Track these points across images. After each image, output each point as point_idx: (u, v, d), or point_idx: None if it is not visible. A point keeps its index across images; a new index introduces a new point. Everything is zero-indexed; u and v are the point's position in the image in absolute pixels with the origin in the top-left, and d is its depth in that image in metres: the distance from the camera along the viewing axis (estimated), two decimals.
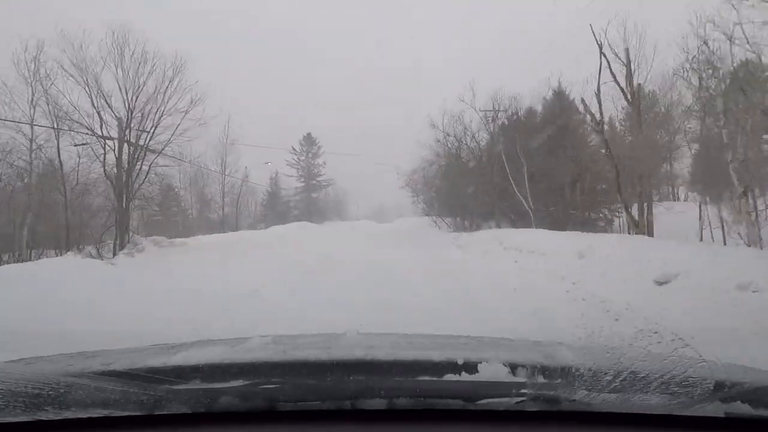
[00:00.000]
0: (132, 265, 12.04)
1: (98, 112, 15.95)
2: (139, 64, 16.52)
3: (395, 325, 1.90)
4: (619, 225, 19.53)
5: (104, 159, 15.97)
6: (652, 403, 1.10)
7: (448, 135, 29.29)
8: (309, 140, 62.55)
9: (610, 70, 14.40)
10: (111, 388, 1.11)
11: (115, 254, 14.09)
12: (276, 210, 63.11)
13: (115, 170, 15.46)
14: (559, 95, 20.33)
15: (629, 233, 15.34)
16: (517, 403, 1.10)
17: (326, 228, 38.16)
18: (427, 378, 1.17)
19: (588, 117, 15.80)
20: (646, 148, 13.48)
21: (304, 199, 61.13)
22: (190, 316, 5.62)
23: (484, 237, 16.95)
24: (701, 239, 13.48)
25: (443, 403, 1.12)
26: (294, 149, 61.83)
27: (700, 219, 13.72)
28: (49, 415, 1.07)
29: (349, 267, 11.13)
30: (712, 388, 1.13)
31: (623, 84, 14.53)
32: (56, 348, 1.65)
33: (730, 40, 9.74)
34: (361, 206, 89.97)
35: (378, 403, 1.11)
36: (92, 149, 16.57)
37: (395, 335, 1.74)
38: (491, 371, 1.18)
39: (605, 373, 1.16)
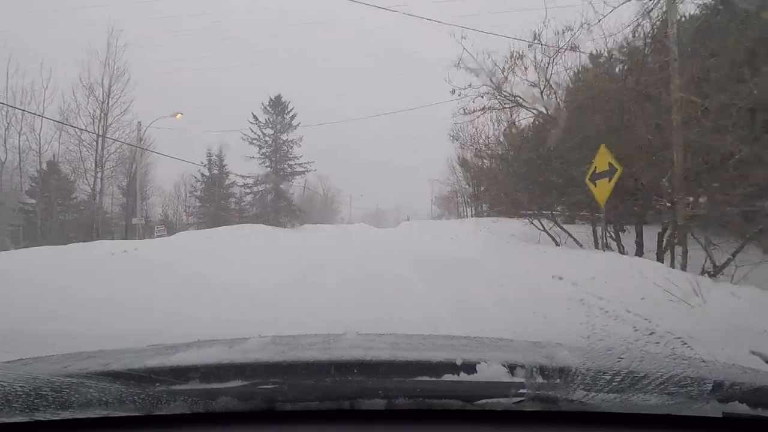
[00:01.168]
0: None
1: None
2: None
3: None
4: None
5: None
6: (651, 403, 1.14)
7: None
8: (277, 105, 38.70)
9: None
10: (109, 388, 1.17)
11: None
12: (218, 205, 39.82)
13: None
14: None
15: None
16: (516, 403, 1.14)
17: (295, 237, 25.85)
18: (426, 378, 1.24)
19: None
20: None
21: (268, 192, 36.90)
22: None
23: None
24: None
25: (442, 404, 1.17)
26: (255, 118, 38.38)
27: None
28: (47, 415, 1.11)
29: None
30: (710, 388, 1.18)
31: None
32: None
33: None
34: (351, 208, 72.38)
35: (377, 404, 1.17)
36: None
37: (394, 336, 1.82)
38: (490, 372, 1.24)
39: (604, 374, 1.21)
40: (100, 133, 28.73)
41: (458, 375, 1.21)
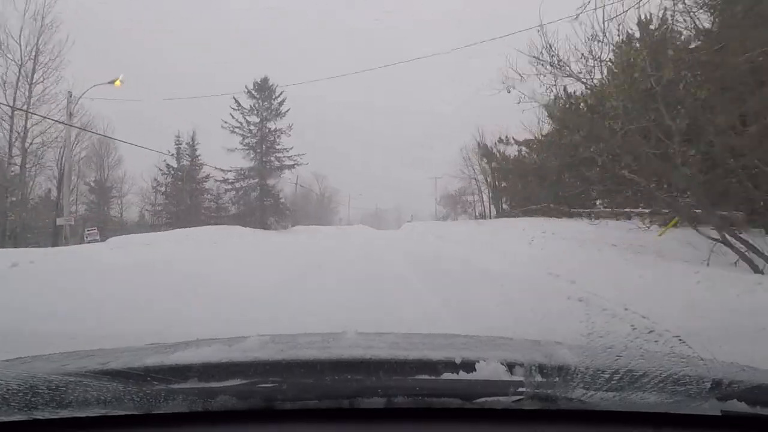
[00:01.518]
0: None
1: None
2: None
3: None
4: None
5: None
6: (650, 401, 1.15)
7: None
8: (264, 89, 32.40)
9: None
10: (108, 387, 1.19)
11: None
12: (188, 203, 33.69)
13: None
14: None
15: None
16: (515, 401, 1.16)
17: (282, 240, 22.32)
18: (425, 377, 1.26)
19: None
20: None
21: (253, 189, 30.39)
22: None
23: None
24: None
25: (441, 402, 1.19)
26: (237, 104, 32.21)
27: None
28: (46, 414, 1.12)
29: None
30: (709, 386, 1.19)
31: None
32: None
33: None
34: (349, 208, 68.90)
35: (376, 402, 1.18)
36: None
37: (394, 335, 1.83)
38: (489, 370, 1.26)
39: (603, 372, 1.23)
40: (20, 106, 21.99)
41: (457, 373, 1.25)
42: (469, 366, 1.25)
